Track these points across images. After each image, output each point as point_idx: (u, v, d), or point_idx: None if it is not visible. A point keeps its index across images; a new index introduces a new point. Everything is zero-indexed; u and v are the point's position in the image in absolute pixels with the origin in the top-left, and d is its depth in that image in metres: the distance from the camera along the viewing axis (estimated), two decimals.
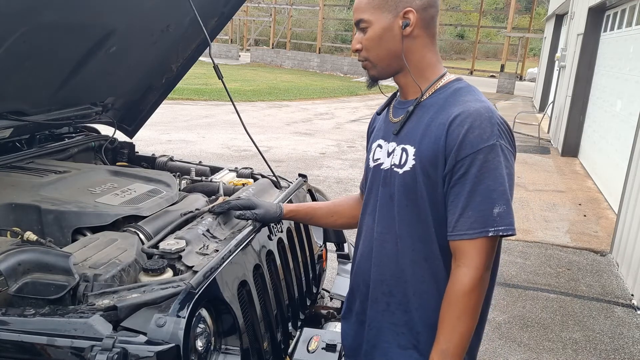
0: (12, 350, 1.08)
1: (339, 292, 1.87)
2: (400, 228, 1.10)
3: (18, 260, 1.20)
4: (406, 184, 1.08)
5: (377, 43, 1.09)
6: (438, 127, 1.05)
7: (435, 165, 1.05)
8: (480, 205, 1.00)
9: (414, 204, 1.08)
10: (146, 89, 2.40)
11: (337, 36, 28.13)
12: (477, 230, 1.00)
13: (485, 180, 1.00)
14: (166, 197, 1.73)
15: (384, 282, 1.14)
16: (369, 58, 1.12)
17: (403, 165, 1.09)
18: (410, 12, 1.07)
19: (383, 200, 1.14)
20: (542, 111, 11.30)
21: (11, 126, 1.90)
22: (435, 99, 1.10)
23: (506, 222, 1.00)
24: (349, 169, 6.41)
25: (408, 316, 1.13)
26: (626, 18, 6.07)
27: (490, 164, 1.00)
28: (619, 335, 3.03)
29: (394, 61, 1.10)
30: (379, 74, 1.14)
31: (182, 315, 1.09)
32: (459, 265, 1.04)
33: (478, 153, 1.00)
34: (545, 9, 18.19)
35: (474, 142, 1.00)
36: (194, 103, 10.89)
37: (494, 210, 1.00)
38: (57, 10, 1.50)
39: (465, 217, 1.01)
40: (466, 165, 1.01)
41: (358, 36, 1.12)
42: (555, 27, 12.60)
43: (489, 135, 1.01)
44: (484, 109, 1.03)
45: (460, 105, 1.05)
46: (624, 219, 3.97)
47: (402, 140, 1.11)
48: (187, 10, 1.69)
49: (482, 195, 1.00)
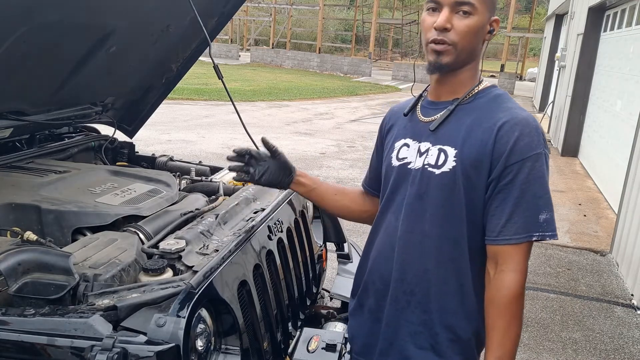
0: (12, 350, 1.08)
1: (339, 292, 1.87)
2: (430, 228, 1.10)
3: (18, 260, 1.20)
4: (444, 184, 1.08)
5: (473, 35, 1.07)
6: (484, 131, 1.05)
7: (478, 169, 1.05)
8: (527, 212, 1.03)
9: (449, 204, 1.08)
10: (146, 89, 2.40)
11: (337, 36, 28.13)
12: (523, 235, 1.03)
13: (532, 188, 1.03)
14: (166, 197, 1.73)
15: (405, 281, 1.14)
16: (457, 44, 1.05)
17: (441, 165, 1.09)
18: (496, 22, 1.11)
19: (410, 199, 1.13)
20: (542, 111, 11.30)
21: (11, 126, 1.91)
22: (475, 103, 1.11)
23: (551, 227, 1.04)
24: (349, 169, 6.41)
25: (427, 316, 1.13)
26: (626, 18, 6.07)
27: (537, 171, 1.03)
28: (618, 335, 3.03)
29: (468, 58, 1.10)
30: (453, 63, 1.08)
31: (182, 315, 1.09)
32: (503, 271, 1.05)
33: (527, 160, 1.02)
34: (545, 9, 18.19)
35: (524, 149, 1.02)
36: (194, 103, 10.89)
37: (539, 217, 1.03)
38: (57, 10, 1.50)
39: (512, 223, 1.03)
40: (514, 172, 1.03)
41: (450, 17, 1.04)
42: (555, 27, 12.60)
43: (537, 143, 1.03)
44: (531, 118, 1.06)
45: (506, 111, 1.07)
46: (624, 218, 3.97)
47: (440, 140, 1.10)
48: (187, 10, 1.69)
49: (529, 202, 1.03)
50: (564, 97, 8.35)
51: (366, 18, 23.73)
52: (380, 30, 24.61)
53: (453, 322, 1.11)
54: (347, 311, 1.82)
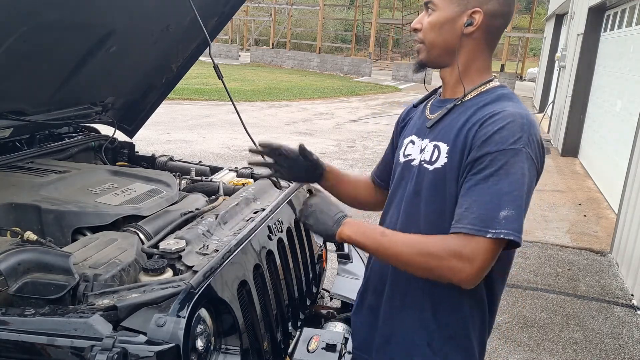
0: (12, 350, 1.08)
1: (339, 292, 1.87)
2: (424, 225, 1.09)
3: (18, 260, 1.20)
4: (436, 181, 1.07)
5: (437, 30, 1.08)
6: (472, 124, 1.04)
7: (462, 162, 1.03)
8: (488, 204, 0.95)
9: (440, 201, 1.07)
10: (146, 89, 2.40)
11: (337, 36, 28.14)
12: (477, 227, 0.95)
13: (500, 182, 0.96)
14: (166, 197, 1.73)
15: (401, 279, 1.14)
16: (425, 41, 1.11)
17: (434, 162, 1.08)
18: (477, 13, 1.05)
19: (409, 197, 1.13)
20: (542, 111, 11.30)
21: (11, 126, 1.90)
22: (476, 100, 1.09)
23: (511, 226, 0.94)
24: (349, 169, 6.40)
25: (422, 314, 1.12)
26: (626, 18, 6.07)
27: (510, 167, 0.96)
28: (618, 335, 3.03)
29: (446, 54, 1.10)
30: (428, 61, 1.12)
31: (182, 315, 1.09)
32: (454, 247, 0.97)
33: (502, 153, 0.96)
34: (545, 9, 18.18)
35: (499, 141, 0.97)
36: (194, 103, 10.89)
37: (500, 213, 0.94)
38: (57, 10, 1.50)
39: (469, 212, 0.96)
40: (486, 163, 0.98)
41: (422, 17, 1.11)
42: (555, 27, 12.60)
43: (518, 139, 0.97)
44: (519, 115, 1.00)
45: (499, 106, 1.04)
46: (623, 219, 3.97)
47: (435, 137, 1.10)
48: (187, 10, 1.69)
49: (493, 195, 0.95)
50: (564, 97, 8.35)
51: (366, 18, 23.74)
52: (380, 30, 24.62)
53: (448, 321, 1.10)
54: (347, 311, 1.83)
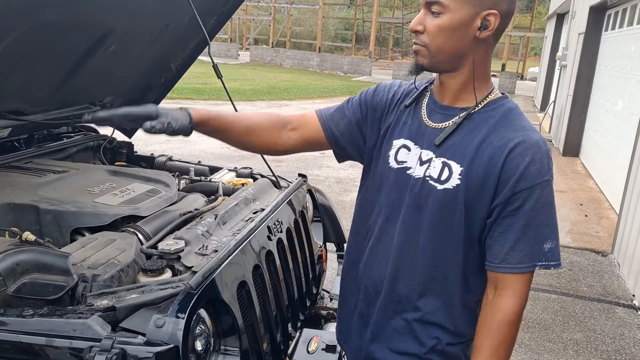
0: (10, 351, 1.08)
1: (338, 293, 1.86)
2: (424, 242, 1.06)
3: (16, 260, 1.19)
4: (445, 201, 1.03)
5: (447, 35, 0.98)
6: (494, 150, 0.99)
7: (482, 189, 1.00)
8: (532, 240, 0.99)
9: (448, 222, 1.04)
10: (145, 88, 2.39)
11: (337, 35, 28.12)
12: (527, 264, 1.00)
13: (539, 216, 0.99)
14: (165, 197, 1.72)
15: (395, 291, 1.12)
16: (429, 46, 1.00)
17: (444, 181, 1.03)
18: (493, 15, 0.97)
19: (410, 209, 1.08)
20: (543, 111, 11.29)
21: (10, 126, 1.90)
22: (486, 115, 1.03)
23: (556, 257, 1.01)
24: (349, 169, 6.40)
25: (414, 326, 1.11)
26: (627, 17, 6.05)
27: (546, 199, 0.99)
28: (620, 335, 3.02)
29: (453, 59, 1.01)
30: (431, 66, 1.03)
31: (181, 316, 1.08)
32: (501, 295, 1.02)
33: (536, 187, 0.98)
34: (546, 8, 18.17)
35: (534, 175, 0.98)
36: (193, 102, 10.88)
37: (544, 246, 1.00)
38: (56, 9, 1.49)
39: (517, 251, 1.00)
40: (522, 198, 0.98)
41: (423, 17, 1.00)
42: (557, 26, 12.59)
43: (547, 169, 0.99)
44: (542, 142, 1.01)
45: (518, 131, 1.00)
46: (625, 219, 3.96)
47: (445, 153, 1.03)
48: (187, 9, 1.69)
49: (535, 231, 0.99)
50: (565, 96, 8.34)
51: (366, 17, 23.73)
52: (380, 30, 24.61)
53: (440, 335, 1.09)
54: None
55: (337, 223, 2.20)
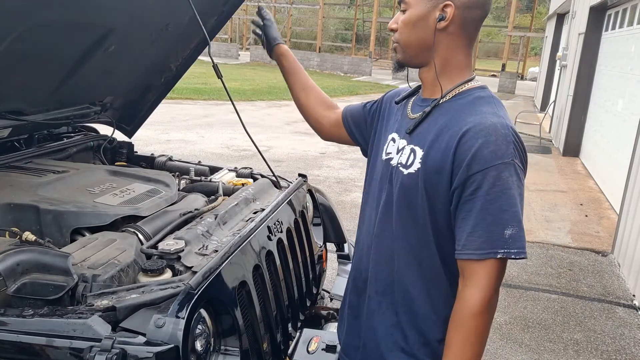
0: (10, 351, 1.08)
1: (339, 293, 1.86)
2: (397, 229, 1.08)
3: (17, 260, 1.19)
4: (408, 186, 1.05)
5: (410, 29, 1.06)
6: (450, 135, 1.00)
7: (439, 174, 1.01)
8: (491, 226, 0.96)
9: (412, 206, 1.05)
10: (145, 89, 2.39)
11: (337, 35, 28.11)
12: (486, 250, 0.96)
13: (498, 200, 0.96)
14: (165, 197, 1.72)
15: (379, 281, 1.13)
16: (399, 41, 1.10)
17: (409, 166, 1.06)
18: (449, 7, 1.03)
19: (387, 198, 1.11)
20: (544, 111, 11.29)
21: (10, 126, 1.90)
22: (453, 103, 1.05)
23: (518, 244, 0.96)
24: (349, 169, 6.39)
25: (398, 318, 1.11)
26: (627, 17, 6.05)
27: (504, 182, 0.96)
28: (620, 335, 3.02)
29: (422, 52, 1.07)
30: (405, 61, 1.11)
31: (182, 316, 1.08)
32: (466, 285, 1.00)
33: (490, 169, 0.95)
34: (547, 8, 18.17)
35: (487, 157, 0.96)
36: (193, 102, 10.88)
37: (505, 232, 0.96)
38: (56, 9, 1.49)
39: (475, 237, 0.97)
40: (477, 182, 0.96)
41: (398, 16, 1.10)
42: (557, 26, 12.59)
43: (504, 152, 0.96)
44: (501, 125, 0.98)
45: (476, 115, 1.00)
46: (625, 219, 3.96)
47: (413, 140, 1.08)
48: (187, 9, 1.68)
49: (494, 215, 0.96)
50: (565, 96, 8.34)
51: (366, 17, 23.73)
52: (380, 29, 24.59)
53: (423, 327, 1.08)
54: None
55: (337, 223, 2.20)
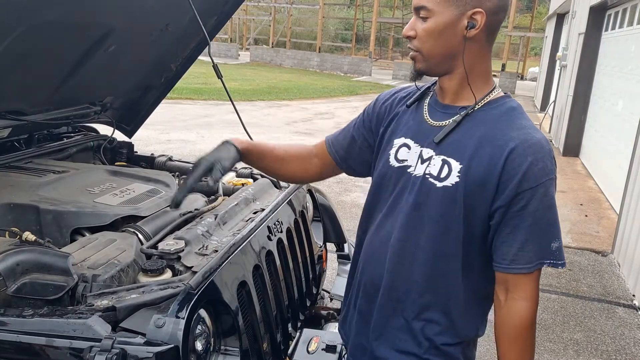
0: (10, 351, 1.08)
1: (339, 293, 1.86)
2: (424, 241, 1.06)
3: (16, 260, 1.19)
4: (445, 199, 1.03)
5: (435, 38, 1.01)
6: (494, 149, 0.99)
7: (482, 188, 1.00)
8: (539, 240, 1.00)
9: (447, 220, 1.04)
10: (145, 89, 2.39)
11: (337, 35, 28.11)
12: (535, 263, 1.01)
13: (545, 215, 0.99)
14: (165, 197, 1.72)
15: (394, 289, 1.11)
16: (422, 50, 1.04)
17: (443, 179, 1.03)
18: (479, 14, 0.98)
19: (408, 208, 1.08)
20: (544, 111, 11.29)
21: (10, 126, 1.90)
22: (486, 113, 1.03)
23: (562, 256, 1.02)
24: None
25: (412, 325, 1.11)
26: (627, 17, 6.05)
27: (550, 198, 1.00)
28: (620, 335, 3.02)
29: (447, 61, 1.03)
30: (428, 70, 1.06)
31: (181, 316, 1.08)
32: (515, 298, 1.02)
33: (539, 187, 0.98)
34: (547, 8, 18.17)
35: (538, 175, 0.98)
36: (193, 102, 10.88)
37: (552, 245, 1.01)
38: (56, 9, 1.49)
39: (525, 251, 1.00)
40: (527, 198, 0.98)
41: (414, 22, 1.04)
42: (557, 26, 12.58)
43: (550, 169, 1.00)
44: (545, 141, 1.01)
45: (519, 130, 1.00)
46: (625, 219, 3.96)
47: (445, 151, 1.04)
48: (187, 9, 1.68)
49: (543, 231, 1.00)
50: (565, 96, 8.34)
51: (366, 17, 23.72)
52: (380, 30, 24.60)
53: (437, 334, 1.08)
54: None
55: (337, 223, 2.20)
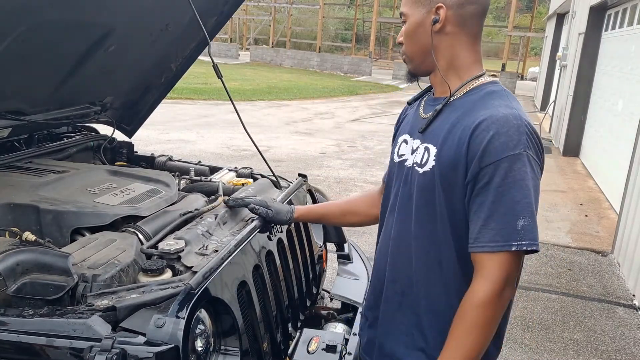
0: (10, 351, 1.08)
1: (339, 293, 1.86)
2: (416, 229, 1.08)
3: (17, 260, 1.19)
4: (425, 184, 1.05)
5: (412, 38, 1.09)
6: (463, 130, 1.00)
7: (455, 169, 1.01)
8: (503, 217, 0.95)
9: (430, 205, 1.05)
10: (145, 89, 2.39)
11: (337, 35, 28.11)
12: (499, 243, 0.96)
13: (509, 191, 0.95)
14: (165, 197, 1.72)
15: (397, 282, 1.13)
16: (406, 53, 1.12)
17: (424, 164, 1.06)
18: (440, 8, 1.04)
19: (403, 199, 1.12)
20: (544, 111, 11.29)
21: (10, 126, 1.90)
22: (465, 100, 1.05)
23: (530, 236, 0.95)
24: (349, 169, 6.40)
25: (418, 318, 1.11)
26: (627, 17, 6.05)
27: (516, 174, 0.95)
28: (620, 335, 3.02)
29: (426, 58, 1.08)
30: (415, 70, 1.13)
31: (182, 315, 1.08)
32: (476, 277, 1.00)
33: (502, 161, 0.95)
34: (547, 8, 18.17)
35: (498, 149, 0.95)
36: (193, 102, 10.88)
37: (517, 223, 0.95)
38: (56, 9, 1.49)
39: (488, 229, 0.97)
40: (489, 174, 0.96)
41: (402, 29, 1.12)
42: (557, 26, 12.58)
43: (516, 143, 0.95)
44: (513, 116, 0.98)
45: (488, 109, 1.00)
46: (625, 219, 3.96)
47: (426, 138, 1.08)
48: (187, 9, 1.68)
49: (506, 207, 0.95)
50: (565, 96, 8.34)
51: (366, 17, 23.72)
52: (380, 29, 24.60)
53: (443, 325, 1.07)
54: (347, 312, 1.82)
55: None
